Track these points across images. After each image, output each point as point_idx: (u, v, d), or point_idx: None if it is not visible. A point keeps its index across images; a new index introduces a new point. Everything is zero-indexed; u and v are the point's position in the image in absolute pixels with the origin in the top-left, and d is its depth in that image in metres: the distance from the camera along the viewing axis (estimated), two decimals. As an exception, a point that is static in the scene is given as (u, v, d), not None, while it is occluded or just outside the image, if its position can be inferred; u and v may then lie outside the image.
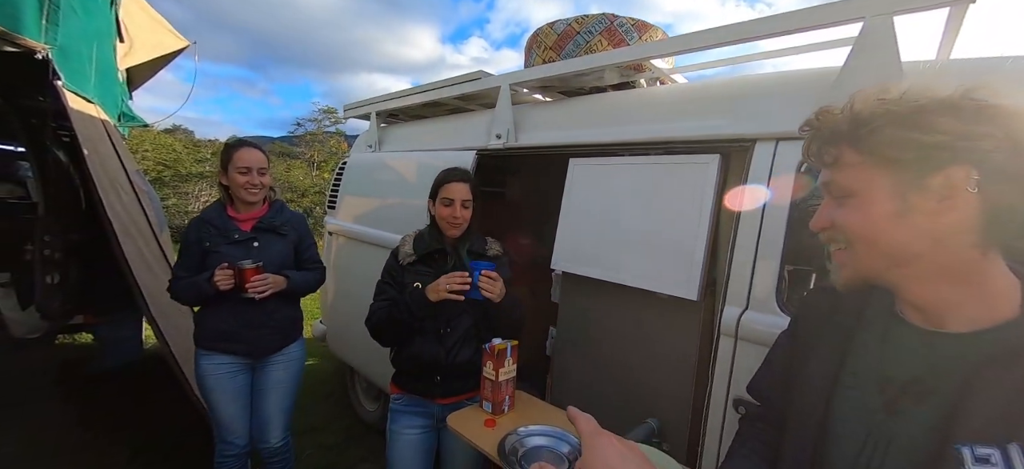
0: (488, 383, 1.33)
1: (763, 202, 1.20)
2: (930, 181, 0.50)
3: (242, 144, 1.72)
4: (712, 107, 1.40)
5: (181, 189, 10.61)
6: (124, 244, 1.99)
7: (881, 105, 0.53)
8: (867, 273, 0.58)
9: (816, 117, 0.61)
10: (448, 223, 1.47)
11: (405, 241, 1.54)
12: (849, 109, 0.57)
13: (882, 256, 0.55)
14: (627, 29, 1.80)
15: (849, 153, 0.56)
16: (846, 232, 0.58)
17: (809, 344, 0.69)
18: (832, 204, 0.60)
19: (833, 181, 0.59)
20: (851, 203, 0.57)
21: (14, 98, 2.53)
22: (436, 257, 1.49)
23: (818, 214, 0.62)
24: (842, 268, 0.60)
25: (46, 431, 2.53)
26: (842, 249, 0.60)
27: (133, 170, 2.52)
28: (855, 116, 0.55)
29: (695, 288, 1.28)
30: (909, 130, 0.51)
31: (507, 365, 1.33)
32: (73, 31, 1.91)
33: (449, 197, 1.46)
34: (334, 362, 3.53)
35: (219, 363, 1.70)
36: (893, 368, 0.57)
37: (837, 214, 0.59)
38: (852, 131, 0.55)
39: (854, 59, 1.09)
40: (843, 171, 0.57)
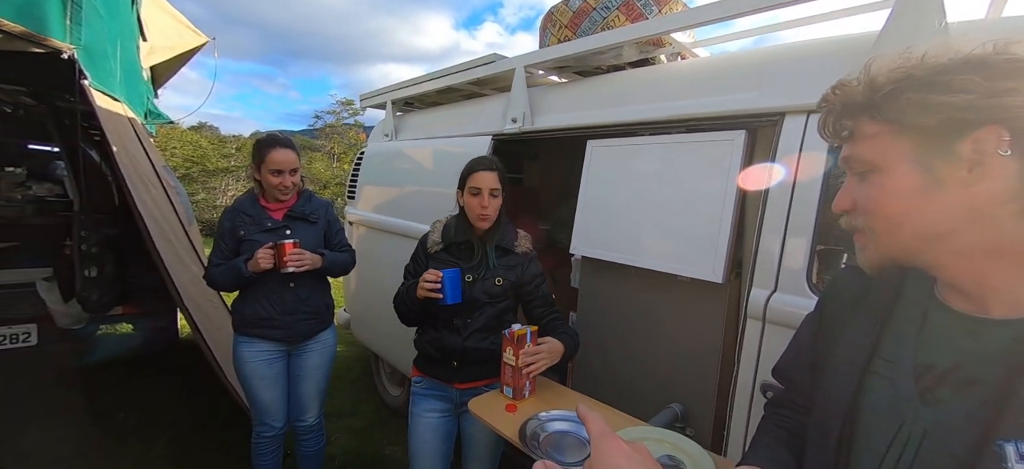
0: (508, 368, 1.32)
1: (793, 179, 1.14)
2: (957, 147, 0.45)
3: (275, 144, 1.73)
4: (737, 81, 1.33)
5: (209, 184, 10.95)
6: (155, 237, 2.06)
7: (899, 69, 0.49)
8: (895, 253, 0.53)
9: (832, 91, 0.56)
10: (476, 214, 1.43)
11: (435, 228, 1.52)
12: (865, 74, 0.52)
13: (911, 234, 0.51)
14: (646, 2, 1.73)
15: (866, 123, 0.52)
16: (869, 211, 0.54)
17: (837, 327, 0.64)
18: (854, 182, 0.56)
19: (852, 156, 0.55)
20: (873, 178, 0.52)
21: (47, 100, 2.63)
22: (462, 248, 1.47)
23: (840, 194, 0.57)
24: (865, 249, 0.55)
25: (91, 416, 2.68)
26: (863, 231, 0.55)
27: (161, 166, 2.60)
28: (871, 82, 0.51)
29: (720, 270, 1.24)
30: (929, 91, 0.46)
31: (528, 350, 1.32)
32: (97, 31, 1.95)
33: (476, 186, 1.42)
34: (358, 348, 3.61)
35: (258, 350, 1.76)
36: (931, 355, 0.52)
37: (859, 192, 0.54)
38: (868, 99, 0.51)
39: (895, 21, 1.02)
40: (861, 143, 0.53)
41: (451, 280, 1.35)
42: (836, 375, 0.60)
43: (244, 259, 1.65)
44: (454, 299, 1.35)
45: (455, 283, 1.36)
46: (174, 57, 3.38)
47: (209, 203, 10.45)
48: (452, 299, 1.35)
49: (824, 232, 1.10)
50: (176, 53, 3.36)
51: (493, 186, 1.42)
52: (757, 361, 1.16)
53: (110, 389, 3.00)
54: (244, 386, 1.82)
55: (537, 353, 1.29)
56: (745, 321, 1.20)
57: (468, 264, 1.44)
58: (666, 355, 1.45)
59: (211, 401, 2.70)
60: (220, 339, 2.18)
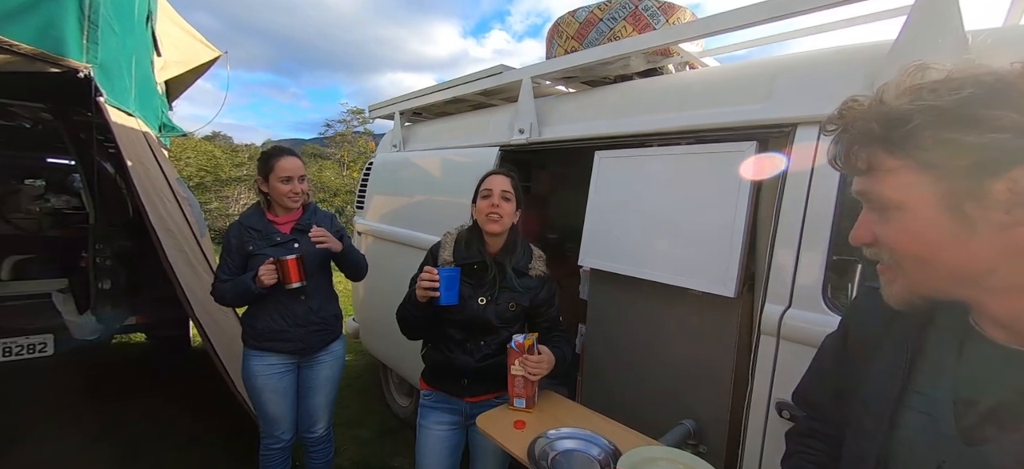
0: (520, 379, 1.30)
1: (806, 191, 1.12)
2: (991, 188, 0.41)
3: (282, 153, 1.75)
4: (747, 91, 1.31)
5: (222, 193, 11.11)
6: (168, 249, 2.08)
7: (917, 98, 0.44)
8: (925, 292, 0.49)
9: (840, 113, 0.51)
10: (486, 216, 1.37)
11: (445, 244, 1.46)
12: (877, 103, 0.47)
13: (943, 275, 0.47)
14: (653, 12, 1.72)
15: (884, 157, 0.47)
16: (894, 250, 0.49)
17: (864, 354, 0.60)
18: (873, 216, 0.51)
19: (869, 191, 0.50)
20: (894, 216, 0.48)
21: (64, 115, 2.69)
22: (475, 268, 1.41)
23: (858, 226, 0.53)
24: (892, 284, 0.51)
25: (105, 425, 2.71)
26: (889, 266, 0.51)
27: (174, 178, 2.63)
28: (887, 114, 0.46)
29: (732, 284, 1.21)
30: (958, 129, 0.42)
31: (536, 358, 1.31)
32: (112, 49, 1.99)
33: (488, 189, 1.39)
34: (366, 358, 3.62)
35: (268, 363, 1.77)
36: (973, 389, 0.48)
37: (880, 229, 0.50)
38: (885, 132, 0.46)
39: (910, 29, 0.99)
40: (880, 179, 0.48)
41: (448, 279, 1.29)
42: (867, 408, 0.57)
43: (252, 275, 1.66)
44: (448, 300, 1.30)
45: (452, 282, 1.31)
46: (188, 71, 3.45)
47: (222, 212, 10.59)
48: (446, 300, 1.29)
49: (839, 247, 1.07)
50: (190, 67, 3.43)
51: (504, 188, 1.39)
52: (772, 378, 1.14)
53: (123, 398, 3.03)
54: (254, 399, 1.83)
55: (541, 361, 1.30)
56: (759, 337, 1.17)
57: (481, 284, 1.40)
58: (677, 370, 1.42)
59: (222, 411, 2.71)
60: (231, 350, 2.19)
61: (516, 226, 1.47)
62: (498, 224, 1.38)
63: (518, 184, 1.44)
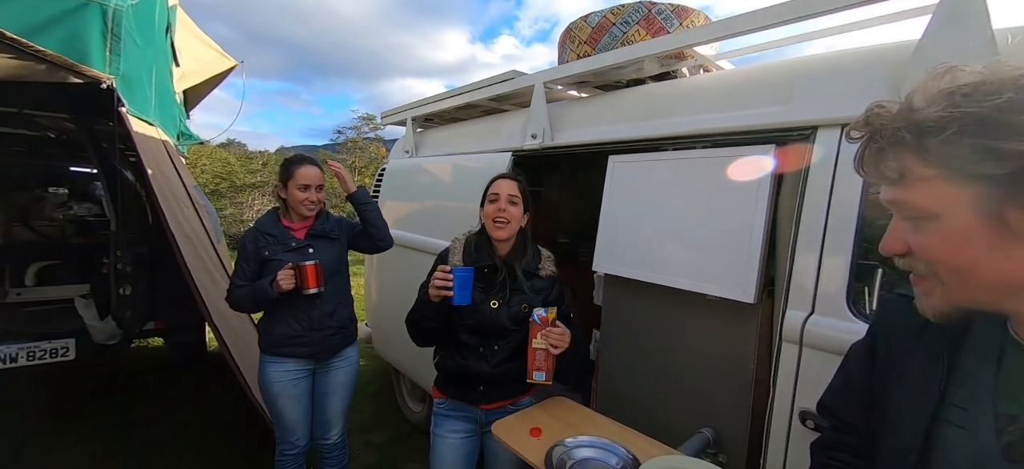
0: (542, 353, 1.29)
1: (828, 194, 1.10)
2: None
3: (303, 162, 1.79)
4: (765, 93, 1.29)
5: (236, 199, 11.30)
6: (186, 255, 2.12)
7: (951, 104, 0.42)
8: (965, 304, 0.47)
9: (866, 120, 0.49)
10: (493, 221, 1.38)
11: (454, 249, 1.46)
12: (907, 109, 0.45)
13: (983, 287, 0.45)
14: (666, 16, 1.71)
15: (917, 166, 0.45)
16: (930, 262, 0.47)
17: (895, 365, 0.58)
18: (905, 226, 0.49)
19: (901, 200, 0.48)
20: (929, 226, 0.46)
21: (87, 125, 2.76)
22: (485, 272, 1.41)
23: (889, 236, 0.51)
24: (929, 296, 0.49)
25: (124, 429, 2.76)
26: (925, 277, 0.49)
27: (191, 185, 2.68)
28: (919, 121, 0.44)
29: (751, 290, 1.19)
30: (995, 137, 0.40)
31: (559, 330, 1.31)
32: (134, 60, 2.04)
33: (495, 193, 1.40)
34: (379, 363, 3.63)
35: (285, 370, 1.79)
36: (1014, 403, 0.46)
37: (914, 239, 0.48)
38: (918, 140, 0.44)
39: (935, 29, 0.97)
40: (912, 189, 0.46)
41: (461, 279, 1.28)
42: (901, 422, 0.54)
43: (269, 280, 1.68)
44: (462, 300, 1.29)
45: (466, 282, 1.29)
46: (205, 80, 3.52)
47: (237, 218, 10.77)
48: (459, 299, 1.28)
49: (864, 252, 1.05)
50: (207, 76, 3.50)
51: (511, 193, 1.39)
52: (795, 387, 1.11)
53: (141, 402, 3.09)
54: (270, 405, 1.84)
55: (564, 334, 1.31)
56: (780, 344, 1.14)
57: (491, 287, 1.40)
58: (695, 377, 1.40)
59: (238, 416, 2.74)
60: (247, 355, 2.22)
61: (525, 229, 1.46)
62: (504, 229, 1.38)
63: (526, 188, 1.44)
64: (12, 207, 3.27)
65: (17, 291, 2.95)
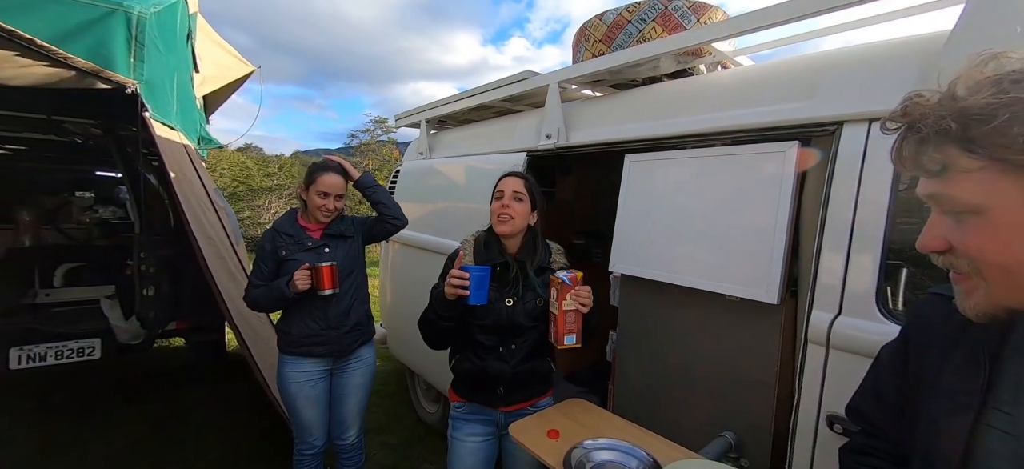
0: (573, 315, 1.26)
1: (855, 190, 1.06)
2: None
3: (327, 169, 1.81)
4: (786, 89, 1.26)
5: (254, 202, 11.51)
6: (208, 256, 2.16)
7: (999, 90, 0.40)
8: (1012, 303, 0.45)
9: (903, 110, 0.47)
10: (497, 217, 1.38)
11: (465, 249, 1.45)
12: (950, 98, 0.43)
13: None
14: (684, 13, 1.68)
15: (962, 158, 0.43)
16: (974, 259, 0.45)
17: (930, 367, 0.55)
18: (946, 221, 0.47)
19: (943, 194, 0.46)
20: (974, 221, 0.44)
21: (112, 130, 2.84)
22: (497, 269, 1.39)
23: (927, 232, 0.48)
24: (971, 295, 0.47)
25: (147, 426, 2.82)
26: (967, 275, 0.47)
27: (212, 188, 2.74)
28: (964, 109, 0.42)
29: (775, 291, 1.16)
30: None
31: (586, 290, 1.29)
32: (157, 66, 2.09)
33: (500, 190, 1.39)
34: (393, 364, 3.66)
35: (303, 370, 1.81)
36: None
37: (956, 235, 0.46)
38: (962, 130, 0.42)
39: (970, 17, 0.93)
40: (956, 182, 0.44)
41: (477, 278, 1.26)
42: (938, 426, 0.52)
43: (286, 280, 1.70)
44: (478, 299, 1.27)
45: (482, 282, 1.27)
46: (224, 86, 3.59)
47: (254, 220, 10.97)
48: (475, 299, 1.26)
49: (898, 247, 1.01)
50: (226, 82, 3.56)
51: (516, 189, 1.37)
52: (821, 390, 1.08)
53: (163, 401, 3.16)
54: (288, 405, 1.86)
55: (590, 292, 1.29)
56: (806, 346, 1.11)
57: (504, 285, 1.39)
58: (714, 379, 1.37)
59: (257, 415, 2.79)
60: (266, 354, 2.25)
61: (534, 227, 1.45)
62: (508, 225, 1.37)
63: (533, 186, 1.42)
64: (41, 211, 3.38)
65: (46, 292, 3.05)
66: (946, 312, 0.54)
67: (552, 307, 1.29)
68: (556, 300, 1.27)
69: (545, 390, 1.51)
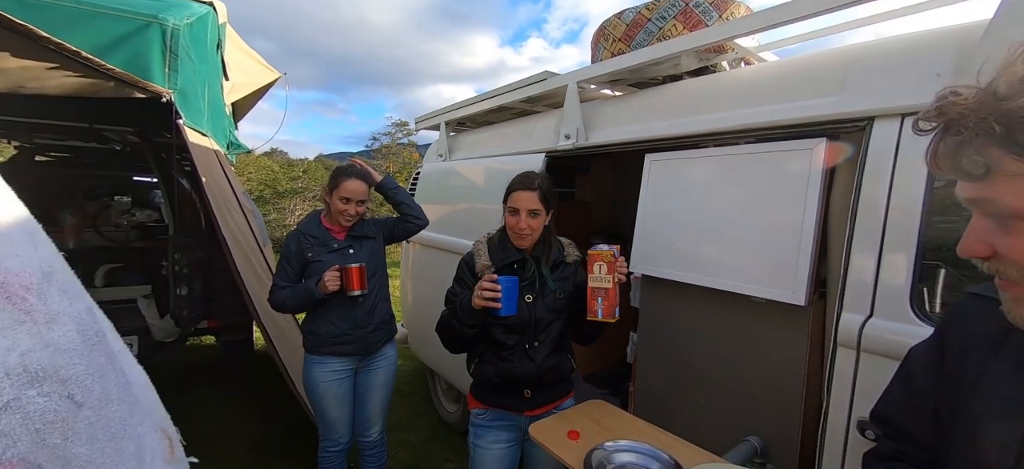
0: (616, 289, 1.25)
1: (888, 188, 1.03)
2: None
3: (351, 175, 1.84)
4: (813, 84, 1.23)
5: (279, 205, 11.84)
6: (236, 258, 2.23)
7: None
8: None
9: (939, 109, 0.44)
10: (515, 233, 1.38)
11: (479, 251, 1.44)
12: (991, 96, 0.41)
13: None
14: (705, 9, 1.65)
15: (1007, 161, 0.41)
16: (1021, 265, 0.43)
17: (969, 370, 0.53)
18: (988, 225, 0.45)
19: (986, 198, 0.44)
20: (1020, 227, 0.42)
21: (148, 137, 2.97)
22: (514, 267, 1.40)
23: (969, 236, 0.47)
24: (1021, 303, 0.45)
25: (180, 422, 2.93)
26: (1015, 283, 0.45)
27: (240, 192, 2.83)
28: (1010, 111, 0.39)
29: (802, 292, 1.13)
30: None
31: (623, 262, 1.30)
32: (189, 76, 2.18)
33: (515, 206, 1.37)
34: (414, 363, 3.70)
35: (330, 370, 1.85)
36: None
37: (1002, 241, 0.44)
38: (1007, 132, 0.40)
39: (1010, 4, 0.88)
40: (1001, 186, 0.42)
41: (508, 290, 1.26)
42: (980, 435, 0.50)
43: (315, 281, 1.74)
44: (509, 310, 1.27)
45: (512, 293, 1.27)
46: (252, 93, 3.70)
47: (280, 223, 11.28)
48: (507, 310, 1.27)
49: (934, 247, 0.97)
50: (253, 89, 3.68)
51: (531, 207, 1.35)
52: (852, 395, 1.04)
53: (194, 397, 3.28)
54: (315, 404, 1.91)
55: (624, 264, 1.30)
56: (835, 349, 1.08)
57: (522, 280, 1.38)
58: (739, 383, 1.34)
59: (283, 411, 2.87)
60: (293, 353, 2.31)
61: (548, 225, 1.43)
62: (526, 240, 1.38)
63: (547, 191, 1.39)
64: (83, 214, 3.55)
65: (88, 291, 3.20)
66: (987, 315, 0.51)
67: (601, 283, 1.26)
68: (606, 274, 1.25)
69: (568, 391, 1.50)
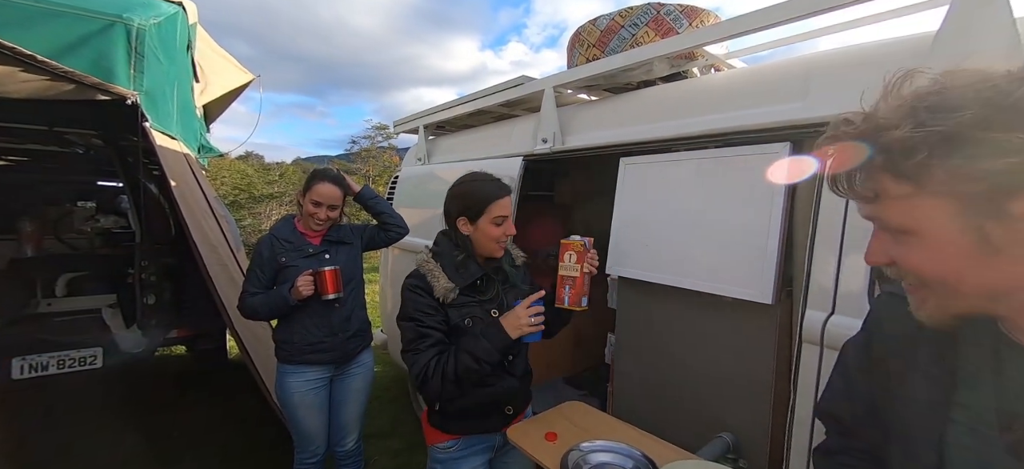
0: (587, 278, 1.27)
1: (846, 192, 1.07)
2: (1011, 207, 0.39)
3: (324, 179, 1.81)
4: (779, 91, 1.27)
5: (255, 210, 11.55)
6: (209, 264, 2.17)
7: (916, 122, 0.41)
8: (956, 311, 0.47)
9: (833, 137, 0.48)
10: (498, 244, 1.26)
11: (434, 274, 1.22)
12: (874, 127, 0.44)
13: (972, 295, 0.45)
14: (676, 17, 1.70)
15: (891, 185, 0.45)
16: (915, 273, 0.47)
17: (896, 366, 0.57)
18: (887, 238, 0.49)
19: (879, 217, 0.48)
20: (912, 242, 0.46)
21: (113, 140, 2.87)
22: (478, 284, 1.27)
23: (871, 247, 0.51)
24: (924, 305, 0.49)
25: (147, 436, 2.83)
26: (917, 287, 0.49)
27: (212, 197, 2.76)
28: (887, 144, 0.43)
29: (770, 291, 1.17)
30: (966, 157, 0.39)
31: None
32: (157, 77, 2.12)
33: (502, 214, 1.25)
34: (395, 369, 3.66)
35: (305, 379, 1.80)
36: (1018, 402, 0.46)
37: (896, 252, 0.48)
38: (889, 160, 0.44)
39: (954, 20, 0.95)
40: (889, 207, 0.46)
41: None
42: (911, 428, 0.54)
43: (288, 287, 1.70)
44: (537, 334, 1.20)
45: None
46: (224, 94, 3.61)
47: (255, 228, 11.00)
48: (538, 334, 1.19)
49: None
50: (226, 91, 3.59)
51: (509, 211, 1.29)
52: (817, 389, 1.08)
53: (164, 410, 3.16)
54: (290, 415, 1.85)
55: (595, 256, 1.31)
56: (800, 346, 1.12)
57: (485, 299, 1.27)
58: (712, 381, 1.38)
59: (258, 421, 2.79)
60: (268, 363, 2.25)
61: None
62: (503, 248, 1.30)
63: None
64: (44, 221, 3.40)
65: (48, 301, 3.06)
66: (902, 313, 0.55)
67: (569, 271, 1.27)
68: (575, 263, 1.27)
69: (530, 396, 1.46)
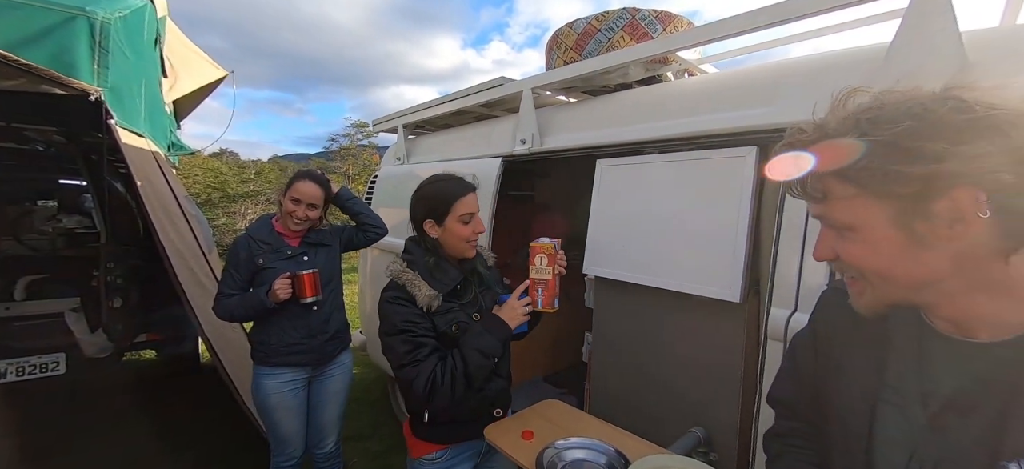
0: (557, 279, 1.27)
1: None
2: (935, 208, 0.47)
3: (306, 177, 1.79)
4: (747, 96, 1.32)
5: (229, 209, 11.23)
6: (177, 266, 2.11)
7: (860, 132, 0.48)
8: (889, 300, 0.55)
9: (789, 143, 0.55)
10: (469, 243, 1.26)
11: (413, 283, 1.20)
12: (824, 135, 0.52)
13: (903, 285, 0.52)
14: (650, 22, 1.74)
15: (837, 186, 0.52)
16: (855, 266, 0.55)
17: (837, 355, 0.65)
18: (833, 235, 0.56)
19: (826, 215, 0.55)
20: (853, 237, 0.53)
21: (76, 137, 2.75)
22: (457, 289, 1.27)
23: (819, 243, 0.58)
24: (862, 295, 0.56)
25: (118, 445, 2.73)
26: (856, 279, 0.56)
27: (182, 196, 2.68)
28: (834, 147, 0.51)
29: (737, 289, 1.21)
30: (899, 162, 0.46)
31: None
32: (123, 72, 2.05)
33: (469, 212, 1.25)
34: (375, 371, 3.62)
35: (282, 381, 1.77)
36: (933, 382, 0.54)
37: (840, 247, 0.55)
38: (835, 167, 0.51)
39: (905, 32, 1.00)
40: (835, 206, 0.53)
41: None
42: (851, 407, 0.61)
43: (266, 289, 1.67)
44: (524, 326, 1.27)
45: None
46: (195, 90, 3.51)
47: (229, 228, 10.69)
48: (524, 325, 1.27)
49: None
50: (197, 87, 3.49)
51: (477, 208, 1.29)
52: (779, 384, 1.13)
53: (133, 416, 3.05)
54: (266, 418, 1.82)
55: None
56: (766, 342, 1.16)
57: (465, 304, 1.27)
58: (685, 377, 1.42)
59: (231, 428, 2.72)
60: (241, 366, 2.20)
61: None
62: (474, 248, 1.29)
63: None
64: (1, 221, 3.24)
65: (6, 306, 2.92)
66: (843, 307, 0.62)
67: (541, 274, 1.27)
68: (547, 266, 1.27)
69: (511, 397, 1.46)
